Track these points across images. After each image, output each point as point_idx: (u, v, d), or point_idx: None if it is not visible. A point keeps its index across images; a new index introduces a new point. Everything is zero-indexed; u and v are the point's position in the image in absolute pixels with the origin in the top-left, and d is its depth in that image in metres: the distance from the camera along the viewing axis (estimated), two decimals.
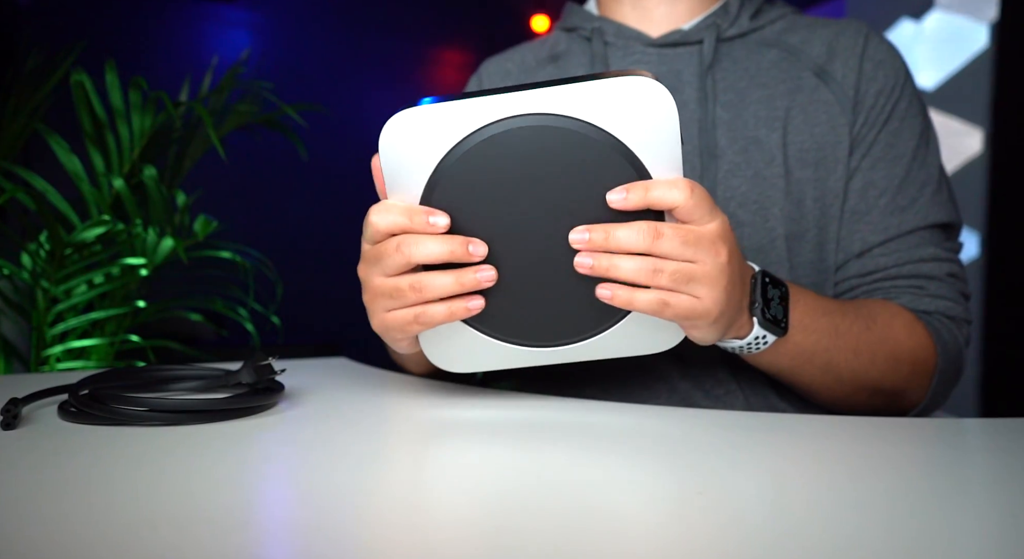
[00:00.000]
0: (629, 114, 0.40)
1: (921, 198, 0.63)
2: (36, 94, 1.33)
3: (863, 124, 0.63)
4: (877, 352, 0.56)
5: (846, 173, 0.63)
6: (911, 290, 0.62)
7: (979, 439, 0.45)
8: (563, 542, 0.26)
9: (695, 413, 0.50)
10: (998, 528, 0.29)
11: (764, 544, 0.26)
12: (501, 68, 0.77)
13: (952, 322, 0.62)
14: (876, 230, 0.63)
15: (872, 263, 0.63)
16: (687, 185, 0.41)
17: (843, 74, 0.64)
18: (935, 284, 0.62)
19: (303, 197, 3.29)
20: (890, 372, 0.57)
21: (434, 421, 0.47)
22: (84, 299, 1.26)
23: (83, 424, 0.44)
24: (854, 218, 0.63)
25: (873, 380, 0.57)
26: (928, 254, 0.62)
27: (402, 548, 0.26)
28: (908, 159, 0.63)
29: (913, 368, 0.58)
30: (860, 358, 0.56)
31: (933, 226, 0.63)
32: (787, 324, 0.51)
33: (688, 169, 0.64)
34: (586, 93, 0.40)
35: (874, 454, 0.40)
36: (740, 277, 0.46)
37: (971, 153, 2.23)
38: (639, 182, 0.41)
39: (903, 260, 0.62)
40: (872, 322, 0.57)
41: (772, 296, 0.50)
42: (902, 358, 0.57)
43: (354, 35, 3.43)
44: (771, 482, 0.34)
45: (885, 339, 0.57)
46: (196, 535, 0.27)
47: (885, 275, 0.62)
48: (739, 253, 0.46)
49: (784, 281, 0.52)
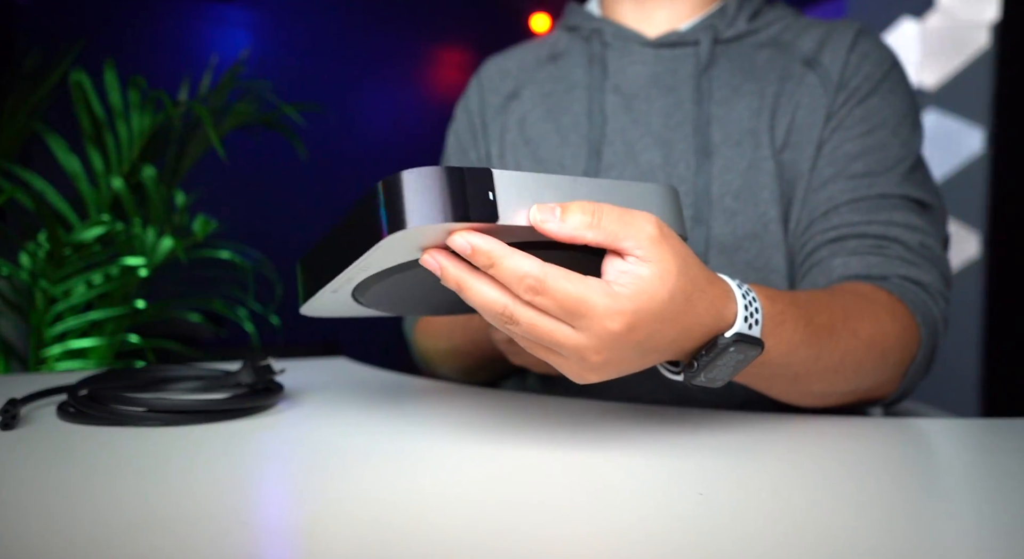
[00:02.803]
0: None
1: (896, 169, 0.61)
2: (35, 94, 1.33)
3: (842, 103, 0.63)
4: (863, 361, 0.51)
5: (816, 151, 0.62)
6: (878, 251, 0.58)
7: (979, 439, 0.45)
8: (563, 542, 0.26)
9: (695, 413, 0.50)
10: (997, 528, 0.28)
11: (764, 544, 0.26)
12: (501, 68, 0.78)
13: (922, 290, 0.57)
14: (844, 190, 0.60)
15: (838, 219, 0.60)
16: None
17: (830, 61, 0.64)
18: (903, 248, 0.58)
19: (303, 197, 3.29)
20: (872, 372, 0.53)
21: (434, 421, 0.47)
22: (83, 299, 1.26)
23: (82, 424, 0.44)
24: (820, 183, 0.61)
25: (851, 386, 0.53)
26: (900, 218, 0.59)
27: (402, 548, 0.26)
28: (886, 133, 0.62)
29: (901, 356, 0.54)
30: (840, 373, 0.51)
31: (907, 198, 0.60)
32: (724, 383, 0.43)
33: (683, 167, 0.64)
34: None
35: (874, 454, 0.40)
36: (658, 346, 0.38)
37: (971, 153, 2.23)
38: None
39: (870, 220, 0.59)
40: (859, 324, 0.51)
41: (725, 362, 0.41)
42: (889, 350, 0.53)
43: (354, 35, 3.43)
44: (771, 482, 0.34)
45: (873, 341, 0.52)
46: (196, 535, 0.27)
47: (850, 232, 0.59)
48: (669, 316, 0.37)
49: (761, 341, 0.41)
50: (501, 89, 0.76)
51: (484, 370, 0.69)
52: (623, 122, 0.67)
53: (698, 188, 0.63)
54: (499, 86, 0.77)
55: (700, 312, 0.38)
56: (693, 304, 0.38)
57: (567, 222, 0.35)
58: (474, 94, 0.78)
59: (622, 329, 0.35)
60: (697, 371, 0.41)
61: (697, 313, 0.38)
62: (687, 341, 0.39)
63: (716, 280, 0.40)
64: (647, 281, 0.35)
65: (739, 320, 0.40)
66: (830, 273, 0.59)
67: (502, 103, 0.75)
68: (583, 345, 0.36)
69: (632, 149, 0.66)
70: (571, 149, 0.69)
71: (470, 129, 0.77)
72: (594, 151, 0.67)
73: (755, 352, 0.41)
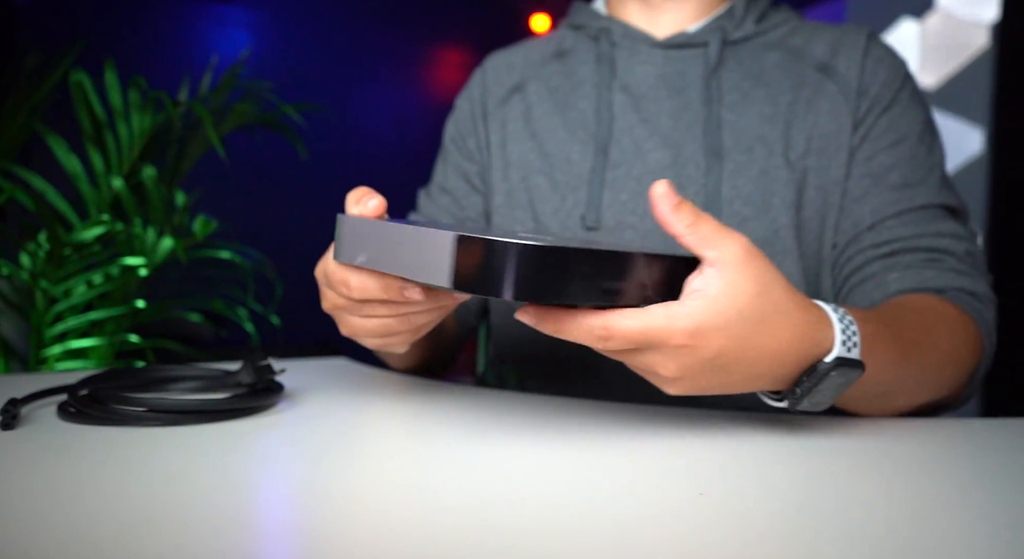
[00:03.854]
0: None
1: (931, 178, 0.62)
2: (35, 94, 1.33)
3: (867, 109, 0.63)
4: (943, 373, 0.52)
5: (849, 158, 0.63)
6: (932, 264, 0.59)
7: (979, 439, 0.45)
8: (563, 542, 0.26)
9: (695, 413, 0.50)
10: (998, 528, 0.29)
11: (765, 544, 0.26)
12: (506, 62, 0.78)
13: (976, 299, 0.59)
14: (888, 202, 0.61)
15: (888, 233, 0.61)
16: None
17: (846, 68, 0.64)
18: (954, 260, 0.60)
19: (303, 197, 3.29)
20: (949, 383, 0.54)
21: (434, 421, 0.47)
22: (83, 299, 1.26)
23: (82, 424, 0.44)
24: (862, 192, 0.62)
25: (931, 396, 0.54)
26: (947, 229, 0.60)
27: (402, 548, 0.26)
28: (913, 142, 0.63)
29: (971, 365, 0.56)
30: (925, 385, 0.52)
31: (945, 207, 0.62)
32: (829, 403, 0.44)
33: (693, 168, 0.64)
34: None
35: (874, 454, 0.40)
36: (739, 366, 0.39)
37: (971, 153, 2.23)
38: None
39: (920, 232, 0.60)
40: (939, 337, 0.52)
41: (828, 385, 0.41)
42: (962, 365, 0.55)
43: (354, 35, 3.43)
44: (771, 482, 0.34)
45: (952, 353, 0.53)
46: (196, 535, 0.27)
47: (903, 246, 0.60)
48: (755, 337, 0.38)
49: (862, 362, 0.42)
50: (505, 81, 0.76)
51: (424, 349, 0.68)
52: (631, 121, 0.67)
53: (708, 190, 0.63)
54: (503, 78, 0.77)
55: (785, 337, 0.39)
56: (772, 326, 0.39)
57: (679, 214, 0.38)
58: (477, 84, 0.78)
59: (685, 343, 0.37)
60: (800, 397, 0.42)
61: (780, 337, 0.39)
62: (775, 366, 0.40)
63: (809, 306, 0.41)
64: (714, 299, 0.37)
65: (838, 344, 0.41)
66: (886, 287, 0.60)
67: (506, 94, 0.75)
68: (655, 361, 0.38)
69: (640, 149, 0.66)
70: (578, 145, 0.69)
71: (471, 117, 0.77)
72: (601, 149, 0.67)
73: (856, 374, 0.42)
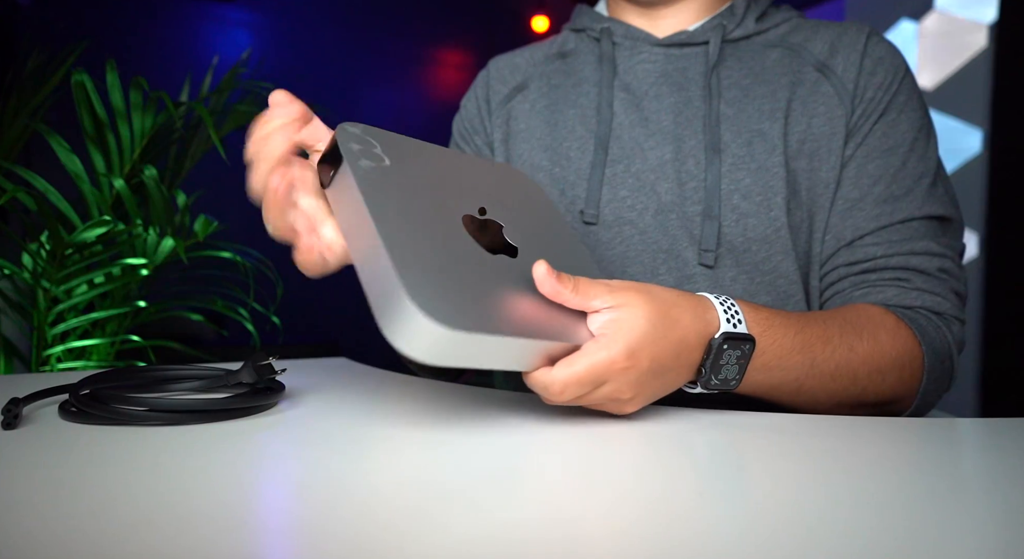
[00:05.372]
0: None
1: (917, 189, 0.62)
2: (37, 94, 1.33)
3: (860, 116, 0.64)
4: (859, 371, 0.55)
5: (839, 163, 0.63)
6: (897, 283, 0.61)
7: (979, 439, 0.45)
8: (563, 542, 0.26)
9: (695, 412, 0.50)
10: (997, 528, 0.29)
11: (764, 544, 0.26)
12: (510, 63, 0.79)
13: (939, 318, 0.60)
14: (869, 217, 0.62)
15: (861, 252, 0.62)
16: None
17: (843, 68, 0.65)
18: (922, 278, 0.61)
19: None
20: (872, 386, 0.56)
21: (434, 421, 0.47)
22: (85, 299, 1.26)
23: (84, 424, 0.44)
24: (847, 206, 0.63)
25: (854, 396, 0.56)
26: (920, 247, 0.61)
27: (403, 548, 0.26)
28: (905, 150, 0.63)
29: (900, 375, 0.57)
30: (838, 380, 0.55)
31: (929, 218, 0.62)
32: (739, 380, 0.49)
33: (693, 163, 0.65)
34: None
35: (874, 454, 0.40)
36: (666, 364, 0.45)
37: (971, 153, 2.23)
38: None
39: (892, 251, 0.61)
40: (857, 340, 0.55)
41: (727, 360, 0.47)
42: (887, 368, 0.56)
43: (354, 35, 3.43)
44: (771, 482, 0.34)
45: (870, 355, 0.55)
46: (196, 535, 0.27)
47: (873, 266, 0.62)
48: (663, 340, 0.44)
49: (750, 335, 0.48)
50: (509, 81, 0.78)
51: None
52: (632, 118, 0.68)
53: (708, 184, 0.63)
54: (507, 78, 0.78)
55: (686, 323, 0.45)
56: (675, 318, 0.45)
57: (562, 283, 0.43)
58: (481, 84, 0.80)
59: (628, 364, 0.42)
60: (707, 376, 0.47)
61: (684, 324, 0.45)
62: (687, 352, 0.46)
63: (689, 295, 0.47)
64: (624, 321, 0.43)
65: (722, 321, 0.47)
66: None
67: (509, 93, 0.77)
68: (611, 392, 0.43)
69: (641, 145, 0.67)
70: (578, 141, 0.70)
71: (477, 115, 0.79)
72: (601, 145, 0.68)
73: (748, 345, 0.48)
